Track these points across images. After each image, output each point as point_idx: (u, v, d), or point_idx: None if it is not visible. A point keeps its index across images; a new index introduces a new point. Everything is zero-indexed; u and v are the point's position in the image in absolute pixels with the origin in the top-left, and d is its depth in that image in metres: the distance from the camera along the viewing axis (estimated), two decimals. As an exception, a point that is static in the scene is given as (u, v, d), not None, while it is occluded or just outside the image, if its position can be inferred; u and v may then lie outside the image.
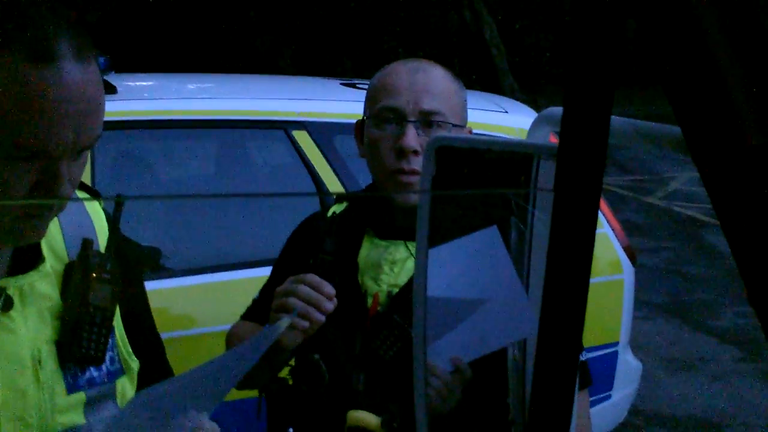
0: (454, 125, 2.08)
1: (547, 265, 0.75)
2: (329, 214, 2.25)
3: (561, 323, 0.77)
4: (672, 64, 0.73)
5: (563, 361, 0.77)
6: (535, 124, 1.19)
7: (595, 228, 0.77)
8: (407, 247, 2.10)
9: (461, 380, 1.79)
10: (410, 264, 2.08)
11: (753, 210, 0.73)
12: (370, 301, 2.08)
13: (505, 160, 1.15)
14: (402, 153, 2.04)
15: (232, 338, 2.26)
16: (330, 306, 1.92)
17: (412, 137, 2.03)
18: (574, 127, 0.73)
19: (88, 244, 1.58)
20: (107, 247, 1.62)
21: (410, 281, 2.04)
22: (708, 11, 0.70)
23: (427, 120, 2.05)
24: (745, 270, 0.76)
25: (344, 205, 2.27)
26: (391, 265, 2.10)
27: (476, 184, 1.20)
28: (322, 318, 1.91)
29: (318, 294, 1.92)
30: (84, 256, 1.57)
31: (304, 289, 1.92)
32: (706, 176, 0.74)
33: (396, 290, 2.07)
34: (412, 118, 2.05)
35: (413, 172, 2.04)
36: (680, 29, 0.71)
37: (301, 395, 2.09)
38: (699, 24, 0.70)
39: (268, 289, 2.29)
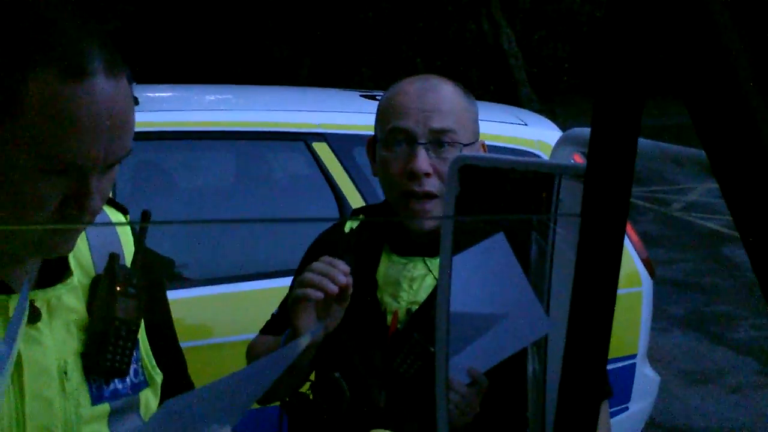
0: (466, 144, 2.05)
1: (574, 288, 0.76)
2: (346, 229, 2.24)
3: (587, 344, 0.78)
4: (693, 80, 0.73)
5: (588, 382, 0.78)
6: (559, 144, 1.21)
7: (621, 251, 0.77)
8: (426, 263, 2.09)
9: (478, 392, 1.79)
10: (429, 281, 2.07)
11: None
12: (389, 318, 2.07)
13: (528, 178, 1.16)
14: (414, 176, 2.01)
15: (252, 352, 2.26)
16: (343, 279, 1.90)
17: (423, 160, 2.01)
18: (602, 150, 0.74)
19: (114, 258, 1.60)
20: (133, 262, 1.63)
21: (429, 298, 2.03)
22: (729, 25, 0.71)
23: (437, 139, 2.02)
24: (765, 284, 0.76)
25: (361, 219, 2.26)
26: (410, 282, 2.09)
27: (499, 202, 1.21)
28: (335, 289, 1.89)
29: (332, 267, 1.91)
30: (110, 270, 1.59)
31: (319, 265, 1.92)
32: (727, 190, 0.75)
33: (415, 307, 2.06)
34: (423, 140, 2.02)
35: (426, 195, 2.02)
36: (701, 44, 0.72)
37: (322, 412, 2.10)
38: (720, 39, 0.71)
39: (286, 304, 2.30)
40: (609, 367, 4.17)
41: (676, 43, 0.73)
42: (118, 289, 1.57)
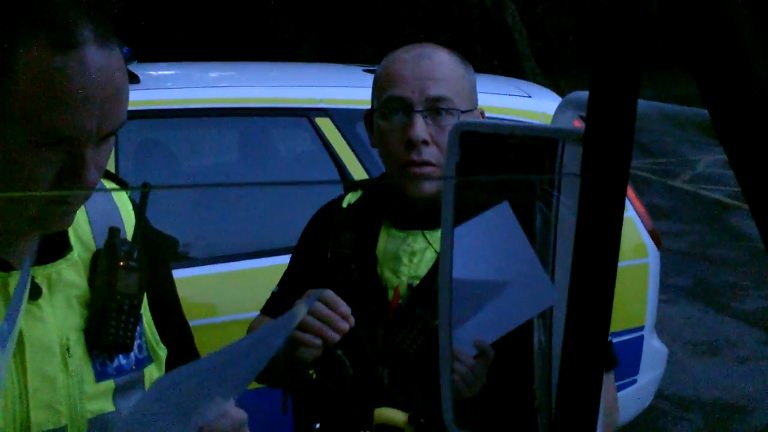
0: (463, 111, 2.03)
1: (575, 251, 0.75)
2: (344, 204, 2.22)
3: (589, 309, 0.77)
4: (699, 47, 0.72)
5: (591, 348, 0.77)
6: (560, 109, 1.19)
7: (622, 212, 0.76)
8: (425, 236, 2.07)
9: (485, 363, 1.78)
10: (429, 254, 2.05)
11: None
12: (390, 294, 2.06)
13: (529, 144, 1.14)
14: (411, 144, 1.99)
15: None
16: (345, 326, 1.88)
17: (421, 128, 1.99)
18: (600, 111, 0.73)
19: (114, 232, 1.59)
20: (134, 235, 1.62)
21: (430, 272, 2.02)
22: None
23: (434, 107, 2.00)
24: None
25: (359, 194, 2.24)
26: (410, 257, 2.07)
27: (500, 169, 1.20)
28: (336, 337, 1.88)
29: (333, 313, 1.88)
30: (111, 244, 1.58)
31: (320, 308, 1.88)
32: (734, 160, 0.74)
33: (416, 282, 2.04)
34: (419, 108, 2.00)
35: (425, 163, 2.00)
36: (707, 11, 0.70)
37: (326, 391, 2.08)
38: (727, 6, 0.70)
39: (286, 282, 2.29)
40: (617, 339, 4.19)
41: (680, 11, 0.72)
42: (119, 263, 1.56)
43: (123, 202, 1.68)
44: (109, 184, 1.69)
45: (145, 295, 1.62)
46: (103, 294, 1.55)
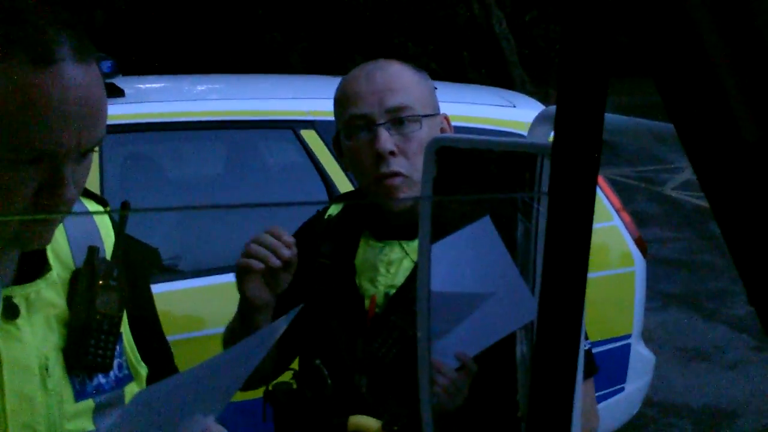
0: (425, 116, 2.05)
1: (544, 268, 0.75)
2: (326, 216, 2.24)
3: (559, 320, 0.77)
4: (664, 60, 0.73)
5: (562, 360, 0.77)
6: (535, 123, 1.20)
7: (591, 224, 0.76)
8: (402, 247, 2.09)
9: (467, 376, 1.79)
10: (406, 264, 2.07)
11: (750, 209, 0.73)
12: (367, 303, 2.07)
13: (507, 158, 1.15)
14: (379, 157, 2.01)
15: (229, 338, 2.25)
16: (287, 253, 1.95)
17: (385, 139, 2.00)
18: (566, 127, 0.73)
19: (93, 251, 1.59)
20: (113, 254, 1.62)
21: (407, 282, 2.03)
22: (699, 5, 0.70)
23: (396, 117, 2.02)
24: (744, 270, 0.76)
25: (341, 206, 2.26)
26: (387, 266, 2.09)
27: (478, 183, 1.21)
28: (278, 263, 1.94)
29: (277, 240, 1.95)
30: (90, 263, 1.58)
31: (264, 236, 1.97)
32: (702, 175, 0.74)
33: (393, 291, 2.06)
34: (381, 120, 2.01)
35: (395, 174, 2.01)
36: (671, 23, 0.71)
37: (306, 400, 2.10)
38: (690, 18, 0.70)
39: None
40: (604, 348, 4.20)
41: (642, 19, 0.72)
42: (98, 282, 1.56)
43: (102, 220, 1.67)
44: (89, 204, 1.68)
45: (126, 313, 1.62)
46: (82, 313, 1.54)
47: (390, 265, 2.09)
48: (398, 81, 2.06)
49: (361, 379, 2.02)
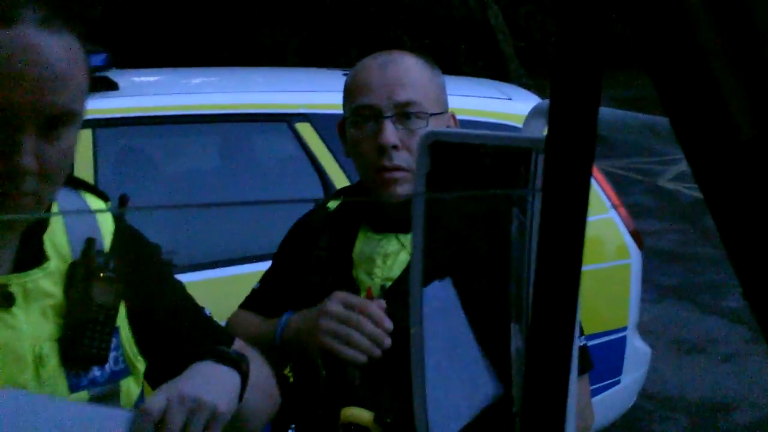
0: (433, 114, 2.05)
1: (537, 266, 0.74)
2: (326, 209, 2.24)
3: (553, 315, 0.76)
4: (659, 56, 0.72)
5: (555, 357, 0.76)
6: (530, 117, 1.19)
7: (585, 219, 0.75)
8: (398, 239, 2.09)
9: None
10: (403, 257, 2.07)
11: (746, 207, 0.72)
12: (363, 295, 2.05)
13: (501, 153, 1.14)
14: (382, 150, 2.01)
15: (236, 329, 2.24)
16: (389, 342, 1.90)
17: (390, 133, 2.00)
18: (561, 120, 0.72)
19: (91, 243, 1.59)
20: (112, 246, 1.62)
21: (403, 274, 2.03)
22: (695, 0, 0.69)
23: (403, 112, 2.02)
24: (739, 265, 0.75)
25: (340, 199, 2.26)
26: (384, 259, 2.09)
27: (473, 178, 1.19)
28: (379, 353, 1.90)
29: (380, 330, 1.91)
30: (87, 254, 1.57)
31: (368, 325, 1.90)
32: (698, 172, 0.73)
33: (389, 284, 2.06)
34: (389, 113, 2.01)
35: (396, 168, 2.01)
36: (667, 18, 0.70)
37: (301, 393, 2.11)
38: (686, 12, 0.69)
39: (268, 280, 2.32)
40: (599, 341, 4.20)
41: (637, 13, 0.71)
42: (96, 274, 1.55)
43: (102, 213, 1.67)
44: (90, 197, 1.68)
45: (124, 306, 1.61)
46: (78, 305, 1.54)
47: (387, 258, 2.09)
48: (410, 76, 2.05)
49: (354, 371, 2.01)
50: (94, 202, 1.68)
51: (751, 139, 0.70)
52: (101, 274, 1.56)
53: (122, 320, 1.63)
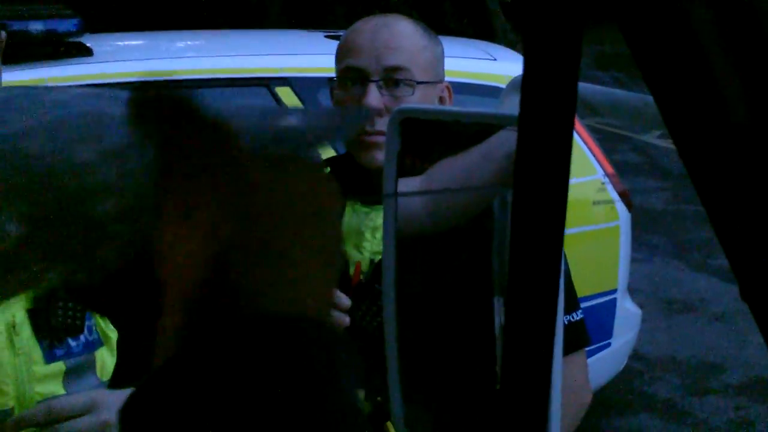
0: (421, 82, 2.00)
1: (511, 245, 0.67)
2: None
3: (532, 288, 0.69)
4: (651, 43, 0.65)
5: (536, 335, 0.70)
6: (507, 92, 1.13)
7: (565, 210, 0.68)
8: None
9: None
10: None
11: (741, 197, 0.66)
12: (352, 270, 2.02)
13: (476, 130, 1.10)
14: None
15: None
16: (346, 320, 1.82)
17: (374, 97, 1.96)
18: (536, 92, 0.65)
19: None
20: None
21: None
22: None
23: (390, 77, 1.98)
24: (737, 265, 0.69)
25: (326, 170, 2.20)
26: (372, 232, 2.04)
27: (446, 156, 1.15)
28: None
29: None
30: None
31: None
32: (688, 160, 0.67)
33: (379, 257, 2.01)
34: (375, 77, 1.97)
35: (378, 133, 1.96)
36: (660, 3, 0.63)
37: None
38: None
39: None
40: (589, 303, 4.17)
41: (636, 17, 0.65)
42: None
43: None
44: None
45: None
46: None
47: (376, 231, 2.04)
48: (401, 41, 2.01)
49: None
50: None
51: (743, 123, 0.63)
52: None
53: None
